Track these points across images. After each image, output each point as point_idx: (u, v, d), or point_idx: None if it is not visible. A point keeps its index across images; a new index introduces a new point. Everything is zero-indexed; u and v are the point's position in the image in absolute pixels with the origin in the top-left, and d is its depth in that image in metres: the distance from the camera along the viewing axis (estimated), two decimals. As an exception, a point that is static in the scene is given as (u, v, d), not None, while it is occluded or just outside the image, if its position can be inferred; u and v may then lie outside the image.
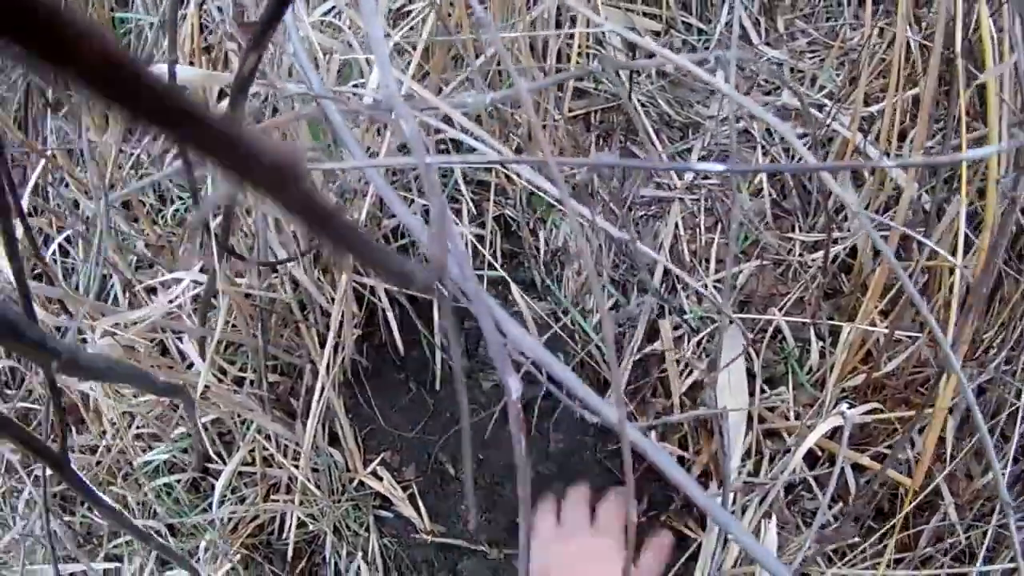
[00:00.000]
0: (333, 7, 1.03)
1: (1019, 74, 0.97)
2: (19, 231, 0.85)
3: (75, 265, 1.22)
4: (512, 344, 0.46)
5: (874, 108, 1.17)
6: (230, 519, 1.12)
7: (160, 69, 0.77)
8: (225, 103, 0.79)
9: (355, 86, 1.02)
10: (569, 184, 1.02)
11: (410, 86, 0.85)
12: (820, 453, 1.09)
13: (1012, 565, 1.03)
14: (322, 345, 1.05)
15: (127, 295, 1.15)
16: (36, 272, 1.17)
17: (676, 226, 1.05)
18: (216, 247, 0.84)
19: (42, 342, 0.42)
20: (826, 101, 1.17)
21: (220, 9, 1.07)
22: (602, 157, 1.13)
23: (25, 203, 1.14)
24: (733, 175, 0.96)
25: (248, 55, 0.52)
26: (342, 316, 1.00)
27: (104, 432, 1.13)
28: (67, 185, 1.23)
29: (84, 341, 1.00)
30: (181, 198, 1.19)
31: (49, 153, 1.18)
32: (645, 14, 1.22)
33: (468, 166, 1.05)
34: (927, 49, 1.10)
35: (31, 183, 1.11)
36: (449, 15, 1.03)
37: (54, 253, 1.21)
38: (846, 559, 1.06)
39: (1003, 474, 1.06)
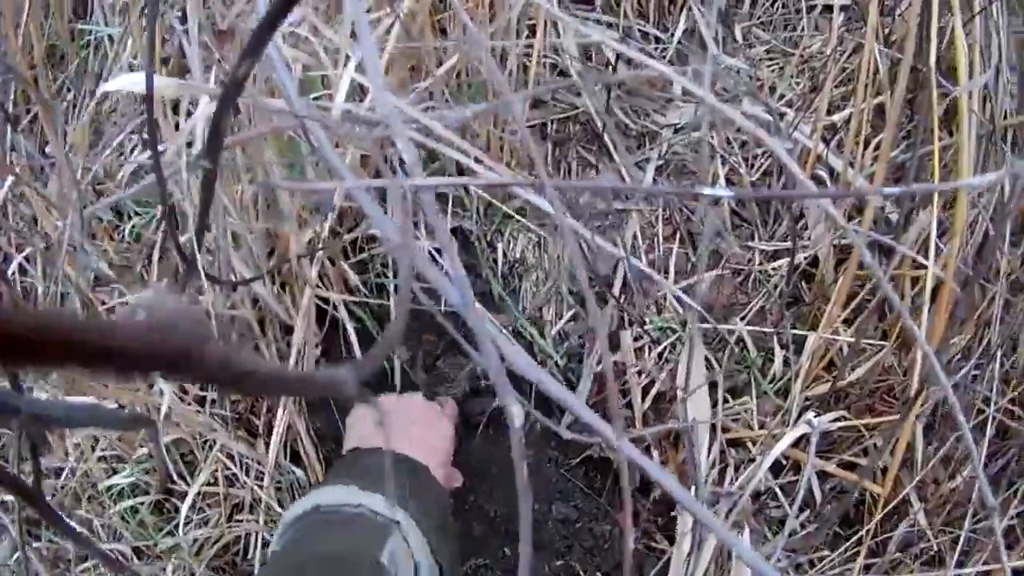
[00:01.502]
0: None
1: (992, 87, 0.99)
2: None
3: (34, 283, 1.21)
4: (512, 368, 0.46)
5: (836, 117, 1.18)
6: (195, 540, 1.10)
7: (137, 77, 0.75)
8: (198, 115, 0.78)
9: (316, 98, 1.01)
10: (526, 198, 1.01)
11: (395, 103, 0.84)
12: (785, 462, 1.09)
13: (986, 568, 1.04)
14: (282, 361, 1.04)
15: (85, 314, 1.14)
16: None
17: (635, 236, 1.05)
18: (185, 267, 0.83)
19: (3, 406, 0.41)
20: (786, 109, 1.18)
21: (182, 18, 1.06)
22: (601, 180, 1.12)
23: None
24: (701, 196, 0.96)
25: (241, 64, 0.50)
26: (304, 331, 0.99)
27: (68, 454, 1.12)
28: (24, 201, 1.21)
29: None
30: (139, 213, 1.17)
31: (18, 170, 1.16)
32: (602, 22, 1.22)
33: (451, 184, 1.05)
34: (890, 58, 1.11)
35: (-2, 201, 1.09)
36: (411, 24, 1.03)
37: (13, 272, 1.19)
38: (816, 567, 1.06)
39: (975, 479, 1.07)
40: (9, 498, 1.11)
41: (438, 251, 1.03)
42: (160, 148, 0.96)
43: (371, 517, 0.81)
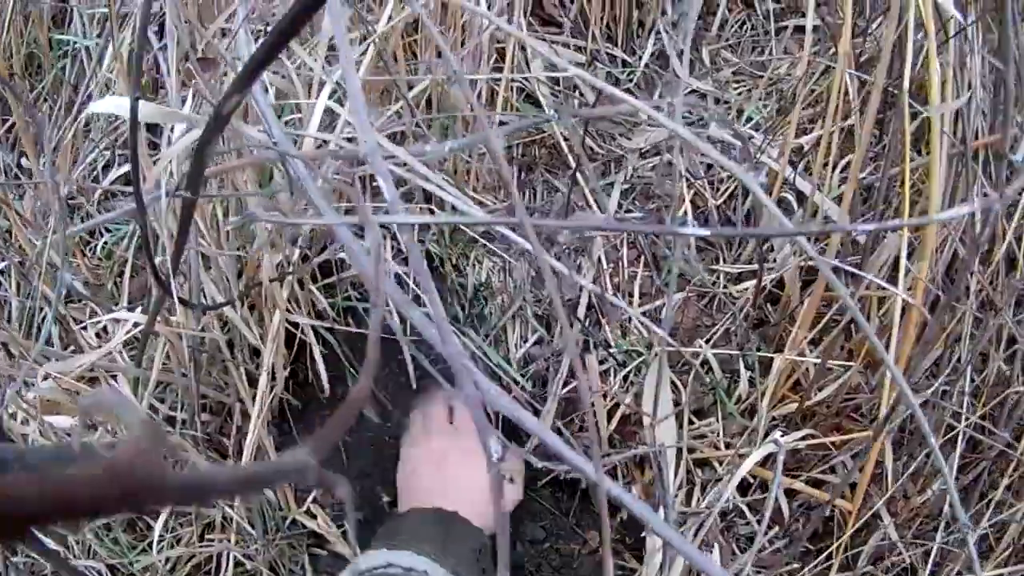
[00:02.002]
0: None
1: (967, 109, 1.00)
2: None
3: (7, 298, 1.21)
4: (490, 404, 0.47)
5: (803, 139, 1.19)
6: (167, 560, 1.11)
7: (121, 101, 0.76)
8: (178, 144, 0.79)
9: (287, 123, 1.02)
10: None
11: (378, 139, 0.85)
12: (752, 480, 1.10)
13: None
14: (251, 383, 1.05)
15: (60, 331, 1.14)
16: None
17: (599, 260, 1.06)
18: (160, 291, 0.83)
19: None
20: (753, 132, 1.19)
21: (159, 33, 1.06)
22: (588, 218, 1.14)
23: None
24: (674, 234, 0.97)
25: (229, 98, 0.51)
26: (274, 355, 1.00)
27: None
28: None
29: (27, 384, 0.99)
30: (109, 231, 1.18)
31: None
32: (569, 46, 1.24)
33: (432, 223, 1.06)
34: (860, 80, 1.12)
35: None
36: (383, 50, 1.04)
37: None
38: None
39: (946, 492, 1.09)
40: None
41: (403, 275, 1.05)
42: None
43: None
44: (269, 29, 1.02)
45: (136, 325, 0.97)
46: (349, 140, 0.86)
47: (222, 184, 0.95)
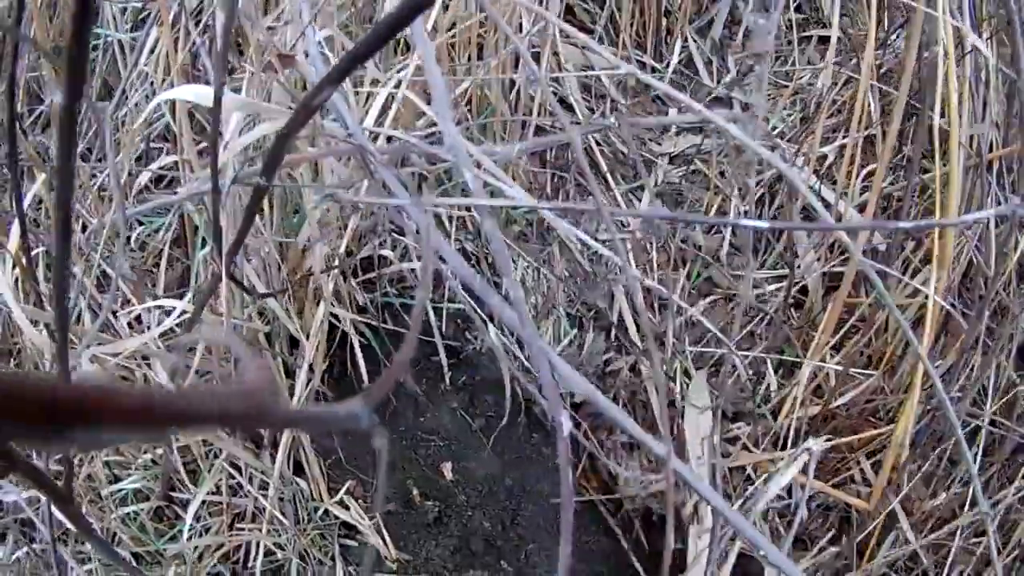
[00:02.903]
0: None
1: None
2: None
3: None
4: (564, 383, 0.49)
5: (827, 148, 1.23)
6: (196, 548, 1.12)
7: (200, 89, 0.78)
8: (256, 131, 0.80)
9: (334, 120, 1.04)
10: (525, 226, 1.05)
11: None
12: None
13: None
14: (287, 374, 1.07)
15: (90, 317, 1.15)
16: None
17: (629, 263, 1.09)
18: (223, 278, 0.85)
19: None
20: (778, 141, 1.22)
21: (207, 25, 1.07)
22: (655, 211, 1.16)
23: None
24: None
25: (323, 88, 0.53)
26: (316, 346, 1.02)
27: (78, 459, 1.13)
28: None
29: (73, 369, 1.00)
30: (142, 223, 1.19)
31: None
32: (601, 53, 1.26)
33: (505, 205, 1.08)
34: (883, 92, 1.15)
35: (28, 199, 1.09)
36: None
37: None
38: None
39: (956, 495, 1.12)
40: (10, 499, 1.12)
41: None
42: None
43: None
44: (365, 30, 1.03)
45: (184, 313, 0.99)
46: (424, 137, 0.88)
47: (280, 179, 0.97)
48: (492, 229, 0.52)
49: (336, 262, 0.99)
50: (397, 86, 0.96)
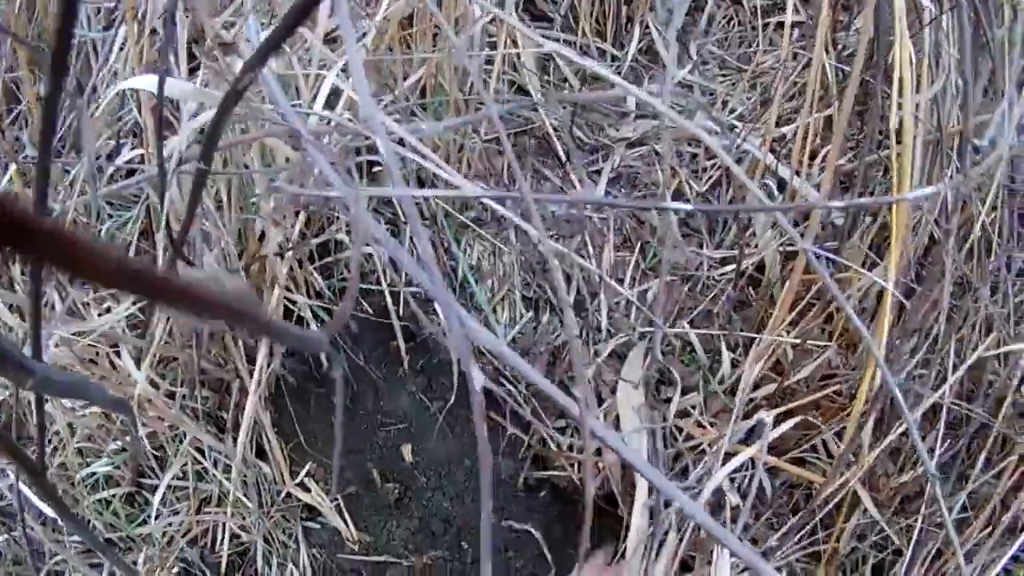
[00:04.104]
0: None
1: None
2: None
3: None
4: (473, 338, 0.50)
5: (785, 129, 1.23)
6: (164, 533, 1.14)
7: (152, 79, 0.81)
8: (198, 119, 0.83)
9: (293, 105, 1.06)
10: (480, 208, 1.06)
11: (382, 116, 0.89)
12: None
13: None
14: (249, 360, 1.09)
15: (64, 305, 1.17)
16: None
17: (585, 244, 1.10)
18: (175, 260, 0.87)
19: (22, 364, 0.46)
20: (736, 123, 1.23)
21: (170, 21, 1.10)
22: (584, 195, 1.18)
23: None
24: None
25: (244, 75, 0.55)
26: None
27: (49, 442, 1.16)
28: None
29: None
30: (112, 216, 1.22)
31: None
32: (560, 41, 1.28)
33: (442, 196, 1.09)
34: (842, 71, 1.15)
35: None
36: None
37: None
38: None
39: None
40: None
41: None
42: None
43: None
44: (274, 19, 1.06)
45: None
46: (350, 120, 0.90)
47: (226, 163, 0.99)
48: (409, 208, 0.53)
49: (290, 246, 1.01)
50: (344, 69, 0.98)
